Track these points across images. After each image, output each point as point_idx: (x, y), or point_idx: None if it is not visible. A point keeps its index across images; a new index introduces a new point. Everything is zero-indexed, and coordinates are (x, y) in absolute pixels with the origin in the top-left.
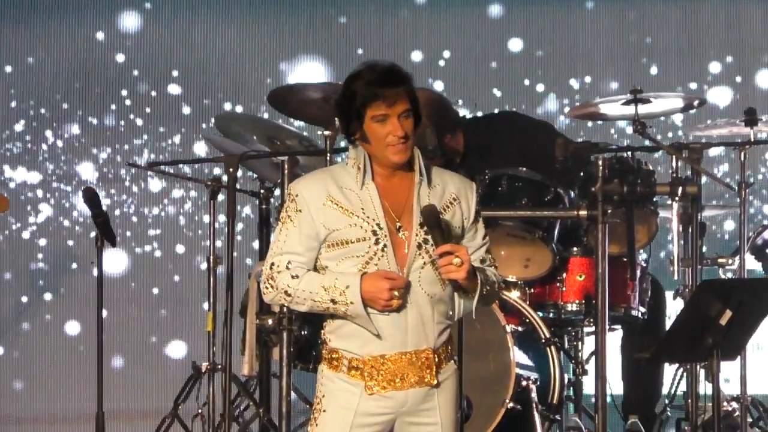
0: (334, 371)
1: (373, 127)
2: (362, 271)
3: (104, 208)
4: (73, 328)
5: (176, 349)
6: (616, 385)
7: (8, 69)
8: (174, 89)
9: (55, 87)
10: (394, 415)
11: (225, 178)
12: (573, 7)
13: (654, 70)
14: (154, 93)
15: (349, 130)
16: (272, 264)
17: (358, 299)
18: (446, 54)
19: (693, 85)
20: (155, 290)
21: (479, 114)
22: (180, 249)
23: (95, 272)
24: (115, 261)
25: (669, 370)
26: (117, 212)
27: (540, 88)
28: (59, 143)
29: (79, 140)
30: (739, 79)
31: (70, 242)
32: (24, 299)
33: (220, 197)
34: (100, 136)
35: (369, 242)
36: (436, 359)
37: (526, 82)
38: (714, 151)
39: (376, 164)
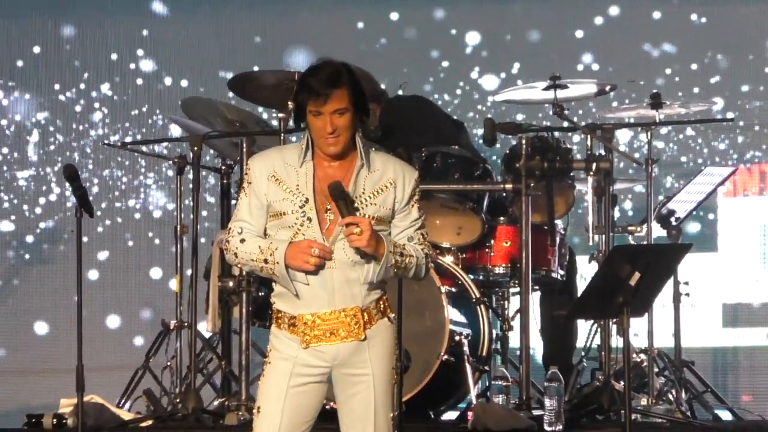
0: (278, 328)
1: (311, 120)
2: (293, 240)
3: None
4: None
5: (148, 309)
6: (537, 340)
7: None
8: (153, 76)
9: (50, 73)
10: (329, 367)
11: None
12: (505, 7)
13: (573, 62)
14: (139, 80)
15: (297, 117)
16: (230, 229)
17: (282, 260)
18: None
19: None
20: (130, 256)
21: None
22: (155, 217)
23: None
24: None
25: (584, 326)
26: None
27: (474, 75)
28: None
29: (70, 121)
30: (648, 67)
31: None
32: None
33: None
34: (88, 117)
35: (297, 214)
36: (365, 316)
37: (465, 70)
38: (623, 133)
39: (318, 149)
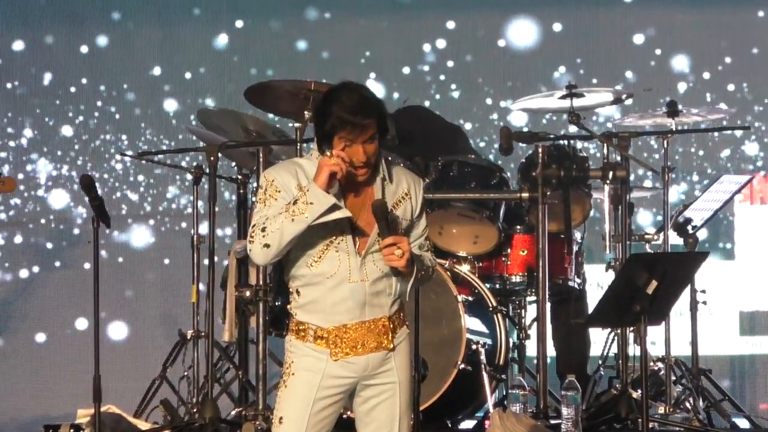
0: (302, 341)
1: (341, 148)
2: (326, 249)
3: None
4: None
5: (163, 319)
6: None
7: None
8: (171, 87)
9: (65, 86)
10: (356, 378)
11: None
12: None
13: (586, 71)
14: (157, 89)
15: (320, 140)
16: (254, 224)
17: (311, 184)
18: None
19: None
20: (148, 267)
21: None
22: (169, 229)
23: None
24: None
25: (601, 335)
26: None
27: (490, 88)
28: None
29: (88, 132)
30: (660, 78)
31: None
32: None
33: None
34: (105, 128)
35: (330, 228)
36: (392, 326)
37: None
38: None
39: None
